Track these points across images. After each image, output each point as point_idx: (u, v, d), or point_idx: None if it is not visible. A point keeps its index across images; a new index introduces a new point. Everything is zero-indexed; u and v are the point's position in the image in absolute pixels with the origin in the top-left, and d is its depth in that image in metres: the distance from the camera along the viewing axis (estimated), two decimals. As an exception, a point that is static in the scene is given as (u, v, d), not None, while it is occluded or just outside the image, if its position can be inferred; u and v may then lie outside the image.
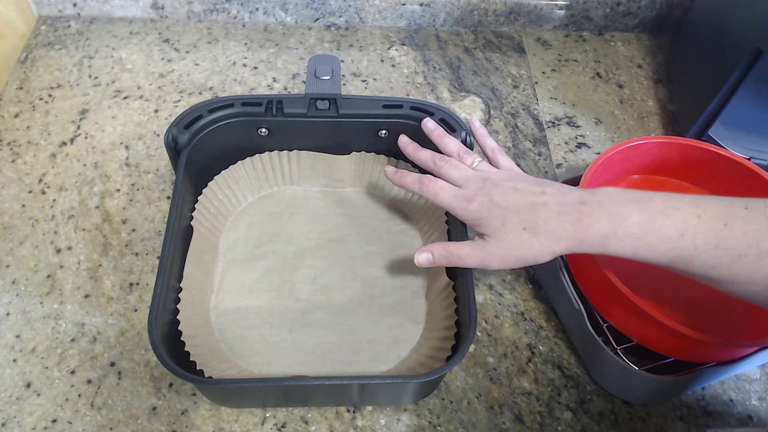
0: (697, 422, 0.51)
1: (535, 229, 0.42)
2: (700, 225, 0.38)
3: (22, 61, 0.71)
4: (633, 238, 0.39)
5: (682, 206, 0.39)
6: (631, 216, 0.39)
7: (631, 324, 0.48)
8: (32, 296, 0.54)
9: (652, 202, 0.40)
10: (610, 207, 0.40)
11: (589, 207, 0.41)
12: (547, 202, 0.42)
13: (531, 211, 0.42)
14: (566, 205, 0.42)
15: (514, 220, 0.43)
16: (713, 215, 0.38)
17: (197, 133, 0.53)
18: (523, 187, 0.44)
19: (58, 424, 0.48)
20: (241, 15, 0.77)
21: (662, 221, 0.39)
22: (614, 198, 0.41)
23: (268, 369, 0.49)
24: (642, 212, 0.39)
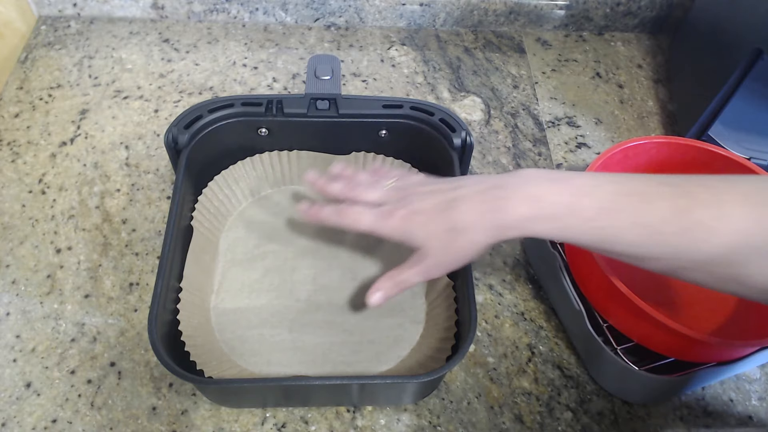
0: (697, 422, 0.51)
1: (456, 227, 0.41)
2: (618, 202, 0.37)
3: (22, 61, 0.71)
4: (553, 219, 0.39)
5: (601, 184, 0.38)
6: (550, 197, 0.39)
7: (631, 324, 0.48)
8: (32, 296, 0.54)
9: (572, 181, 0.39)
10: (528, 188, 0.39)
11: (506, 191, 0.40)
12: (465, 195, 0.41)
13: (450, 208, 0.41)
14: (483, 193, 0.40)
15: (436, 223, 0.42)
16: (632, 191, 0.38)
17: (197, 133, 0.53)
18: (439, 187, 0.43)
19: (58, 424, 0.48)
20: (241, 15, 0.77)
21: (581, 201, 0.38)
22: (532, 179, 0.40)
23: (268, 369, 0.49)
24: (561, 192, 0.39)
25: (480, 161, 0.66)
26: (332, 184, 0.49)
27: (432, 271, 0.44)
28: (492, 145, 0.68)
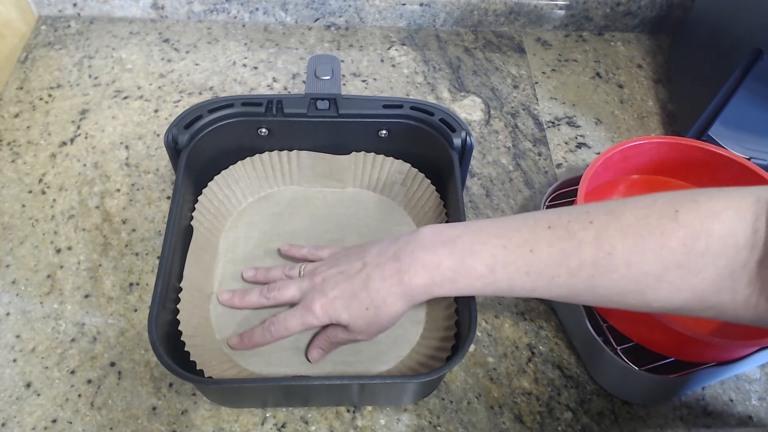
0: (697, 422, 0.51)
1: (372, 304, 0.43)
2: (508, 255, 0.39)
3: (22, 61, 0.71)
4: (450, 282, 0.41)
5: (488, 239, 0.40)
6: (442, 262, 0.41)
7: (631, 324, 0.48)
8: (32, 296, 0.54)
9: (460, 241, 0.41)
10: (423, 257, 0.42)
11: (404, 263, 0.42)
12: (370, 274, 0.43)
13: (361, 289, 0.44)
14: (384, 269, 0.43)
15: (355, 305, 0.44)
16: (518, 243, 0.39)
17: (197, 133, 0.53)
18: (346, 268, 0.45)
19: (58, 424, 0.48)
20: (241, 15, 0.77)
21: (472, 260, 0.40)
22: (426, 244, 0.42)
23: (268, 369, 0.49)
24: (451, 255, 0.41)
25: (480, 161, 0.66)
26: (248, 297, 0.51)
27: (362, 338, 0.47)
28: (492, 145, 0.68)
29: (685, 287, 0.35)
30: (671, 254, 0.35)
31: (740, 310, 0.35)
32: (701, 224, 0.34)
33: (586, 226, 0.37)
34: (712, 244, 0.34)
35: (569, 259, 0.37)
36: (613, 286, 0.37)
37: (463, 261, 0.40)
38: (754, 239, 0.33)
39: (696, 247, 0.34)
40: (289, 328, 0.47)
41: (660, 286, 0.36)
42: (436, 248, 0.41)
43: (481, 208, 0.63)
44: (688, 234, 0.34)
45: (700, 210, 0.34)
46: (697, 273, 0.35)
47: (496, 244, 0.40)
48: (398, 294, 0.42)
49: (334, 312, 0.45)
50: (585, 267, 0.37)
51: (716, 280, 0.34)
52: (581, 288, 0.38)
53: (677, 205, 0.35)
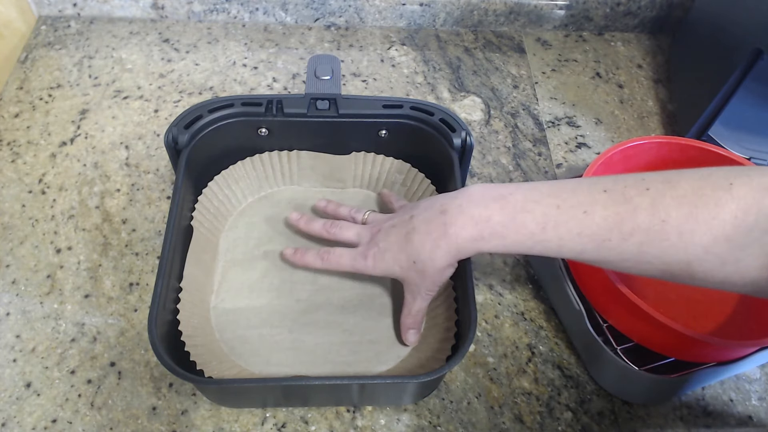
0: (697, 422, 0.51)
1: (418, 257, 0.44)
2: (561, 215, 0.39)
3: (22, 61, 0.71)
4: (499, 237, 0.41)
5: (541, 198, 0.40)
6: (493, 216, 0.41)
7: (631, 324, 0.48)
8: (32, 296, 0.54)
9: (512, 198, 0.41)
10: (472, 210, 0.41)
11: (451, 215, 0.42)
12: (416, 227, 0.44)
13: (407, 242, 0.44)
14: (431, 222, 0.43)
15: (402, 258, 0.45)
16: (572, 204, 0.39)
17: (197, 133, 0.53)
18: (398, 220, 0.46)
19: (58, 424, 0.48)
20: (241, 15, 0.77)
21: (523, 217, 0.40)
22: (475, 199, 0.42)
23: (268, 369, 0.49)
24: (503, 210, 0.40)
25: (480, 161, 0.66)
26: (312, 223, 0.53)
27: (425, 294, 0.47)
28: (492, 145, 0.68)
29: (731, 260, 0.35)
30: (722, 226, 0.35)
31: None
32: (753, 198, 0.34)
33: (642, 192, 0.37)
34: (761, 220, 0.34)
35: (623, 223, 0.37)
36: (661, 254, 0.37)
37: (515, 217, 0.40)
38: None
39: (746, 220, 0.34)
40: (341, 264, 0.49)
41: (706, 258, 0.36)
42: (487, 203, 0.41)
43: (481, 208, 0.63)
44: (740, 207, 0.35)
45: (752, 184, 0.35)
46: (743, 247, 0.35)
47: (549, 204, 0.39)
48: (443, 247, 0.42)
49: (384, 264, 0.46)
50: (637, 232, 0.37)
51: (760, 256, 0.35)
52: (630, 254, 0.38)
53: (732, 178, 0.35)
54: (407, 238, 0.44)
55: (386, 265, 0.46)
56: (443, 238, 0.42)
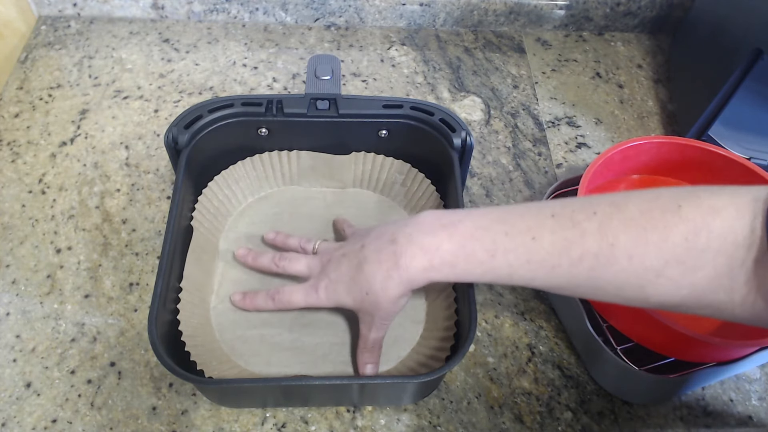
0: (697, 422, 0.51)
1: (370, 289, 0.43)
2: (509, 242, 0.39)
3: (22, 61, 0.71)
4: (449, 266, 0.40)
5: (490, 225, 0.40)
6: (442, 245, 0.40)
7: (631, 324, 0.48)
8: (32, 296, 0.54)
9: (461, 225, 0.40)
10: (421, 239, 0.41)
11: (401, 245, 0.42)
12: (367, 257, 0.43)
13: (358, 272, 0.44)
14: (381, 251, 0.43)
15: (354, 289, 0.44)
16: (520, 230, 0.39)
17: (197, 133, 0.53)
18: (348, 250, 0.46)
19: (58, 424, 0.48)
20: (241, 15, 0.77)
21: (472, 245, 0.40)
22: (425, 228, 0.42)
23: (268, 369, 0.49)
24: (451, 239, 0.40)
25: (480, 161, 0.66)
26: (260, 258, 0.52)
27: (380, 324, 0.46)
28: (492, 145, 0.68)
29: (684, 283, 0.35)
30: (672, 248, 0.34)
31: (737, 308, 0.35)
32: (703, 220, 0.34)
33: (590, 217, 0.37)
34: (712, 241, 0.34)
35: (571, 248, 0.37)
36: (613, 279, 0.37)
37: (464, 245, 0.40)
38: (752, 238, 0.33)
39: (697, 242, 0.34)
40: (291, 302, 0.48)
41: (659, 281, 0.36)
42: (436, 231, 0.41)
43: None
44: (689, 229, 0.34)
45: (702, 206, 0.34)
46: (696, 270, 0.34)
47: (498, 231, 0.39)
48: (395, 278, 0.42)
49: (336, 296, 0.45)
50: (587, 257, 0.37)
51: (714, 278, 0.34)
52: (581, 279, 0.38)
53: (680, 200, 0.35)
54: (358, 269, 0.44)
55: (338, 297, 0.45)
56: (395, 269, 0.42)
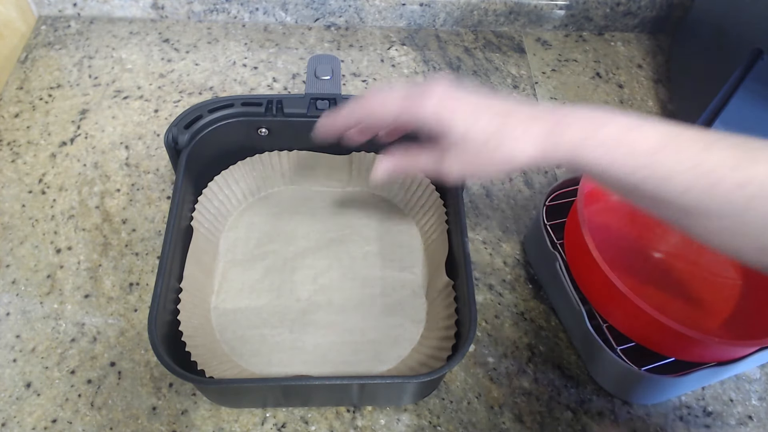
0: (697, 422, 0.51)
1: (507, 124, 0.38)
2: (680, 143, 0.36)
3: (22, 61, 0.71)
4: (608, 147, 0.37)
5: (662, 125, 0.37)
6: (609, 124, 0.37)
7: (631, 324, 0.48)
8: (32, 296, 0.54)
9: (632, 116, 0.37)
10: (587, 113, 0.38)
11: (563, 113, 0.38)
12: (519, 109, 0.39)
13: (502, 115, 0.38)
14: (538, 110, 0.38)
15: (484, 115, 0.38)
16: (693, 138, 0.36)
17: (197, 133, 0.53)
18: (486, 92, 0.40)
19: (58, 424, 0.48)
20: (241, 15, 0.77)
21: (640, 133, 0.36)
22: (590, 109, 0.38)
23: (268, 369, 0.49)
24: (620, 123, 0.37)
25: (480, 161, 0.66)
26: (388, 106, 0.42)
27: (456, 166, 0.40)
28: (492, 145, 0.68)
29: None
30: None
31: None
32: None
33: (765, 146, 0.35)
34: None
35: (740, 168, 0.34)
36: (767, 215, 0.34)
37: (632, 130, 0.37)
38: None
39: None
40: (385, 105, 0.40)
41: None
42: (603, 113, 0.38)
43: (481, 208, 0.63)
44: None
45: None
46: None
47: (670, 130, 0.36)
48: (540, 133, 0.37)
49: (449, 113, 0.38)
50: (753, 184, 0.34)
51: None
52: (737, 206, 0.35)
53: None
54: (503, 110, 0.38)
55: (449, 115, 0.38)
56: (547, 128, 0.37)
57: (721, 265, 0.54)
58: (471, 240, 0.60)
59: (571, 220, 0.53)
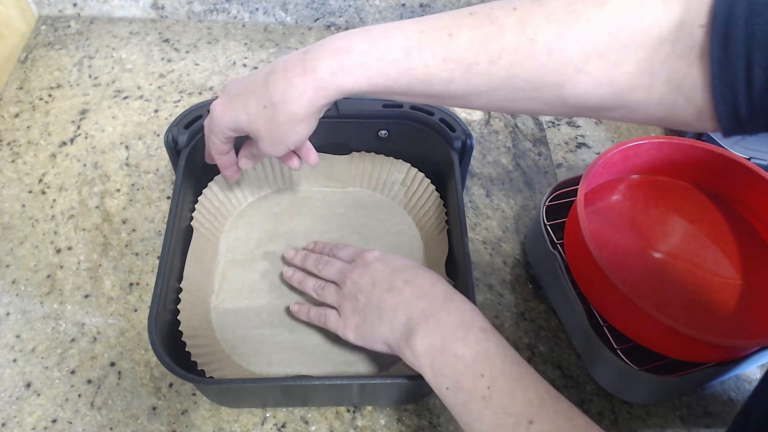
0: (697, 422, 0.51)
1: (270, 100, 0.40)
2: (425, 39, 0.36)
3: (22, 61, 0.71)
4: (362, 68, 0.37)
5: (405, 26, 0.37)
6: (354, 46, 0.37)
7: (631, 324, 0.48)
8: (32, 296, 0.54)
9: (375, 29, 0.38)
10: (332, 42, 0.38)
11: (311, 52, 0.39)
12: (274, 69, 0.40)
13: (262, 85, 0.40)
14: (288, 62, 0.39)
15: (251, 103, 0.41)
16: (436, 27, 0.37)
17: (197, 133, 0.53)
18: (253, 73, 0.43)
19: (58, 424, 0.48)
20: (241, 15, 0.77)
21: (386, 43, 0.37)
22: (337, 36, 0.39)
23: (268, 369, 0.49)
24: (364, 40, 0.37)
25: (480, 161, 0.66)
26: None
27: (268, 149, 0.43)
28: (492, 145, 0.68)
29: (604, 80, 0.34)
30: (594, 42, 0.34)
31: (654, 107, 0.35)
32: (628, 13, 0.33)
33: (509, 12, 0.35)
34: (635, 35, 0.33)
35: (490, 44, 0.35)
36: (531, 77, 0.36)
37: (377, 44, 0.37)
38: (678, 32, 0.32)
39: (620, 36, 0.33)
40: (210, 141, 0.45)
41: (579, 78, 0.35)
42: (349, 35, 0.38)
43: (481, 208, 0.63)
44: (613, 22, 0.33)
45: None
46: (617, 65, 0.34)
47: (412, 29, 0.37)
48: (300, 85, 0.38)
49: (233, 113, 0.41)
50: (506, 54, 0.35)
51: (635, 74, 0.34)
52: (499, 79, 0.36)
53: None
54: (263, 81, 0.40)
55: (233, 115, 0.41)
56: (301, 75, 0.38)
57: (721, 265, 0.54)
58: (471, 240, 0.60)
59: (571, 220, 0.53)
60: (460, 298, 0.42)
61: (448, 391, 0.38)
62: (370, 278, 0.45)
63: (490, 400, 0.36)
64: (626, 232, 0.55)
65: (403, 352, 0.41)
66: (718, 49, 0.31)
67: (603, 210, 0.57)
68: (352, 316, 0.45)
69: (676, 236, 0.56)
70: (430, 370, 0.39)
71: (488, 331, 0.39)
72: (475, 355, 0.38)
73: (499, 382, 0.36)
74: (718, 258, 0.55)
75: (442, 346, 0.39)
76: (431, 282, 0.43)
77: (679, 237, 0.56)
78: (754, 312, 0.51)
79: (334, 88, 0.38)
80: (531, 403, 0.35)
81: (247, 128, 0.42)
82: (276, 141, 0.42)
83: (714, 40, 0.31)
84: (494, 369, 0.37)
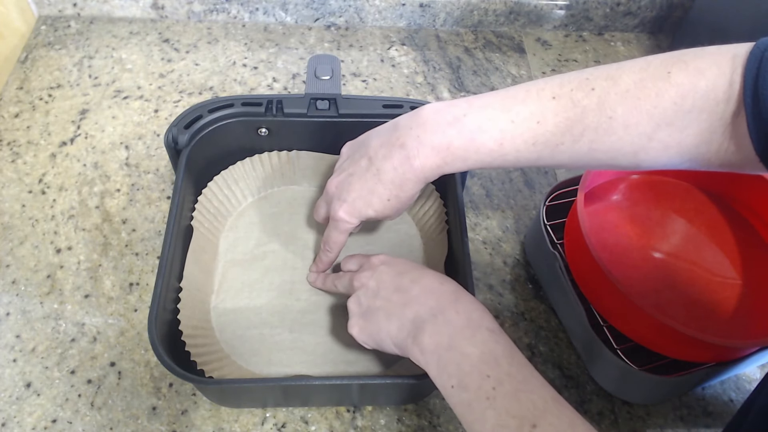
0: (697, 422, 0.51)
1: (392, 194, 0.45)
2: (515, 129, 0.40)
3: (22, 61, 0.71)
4: (461, 160, 0.42)
5: (495, 115, 0.41)
6: (452, 142, 0.41)
7: (631, 324, 0.48)
8: (32, 296, 0.54)
9: (467, 120, 0.41)
10: (431, 139, 0.42)
11: (411, 149, 0.43)
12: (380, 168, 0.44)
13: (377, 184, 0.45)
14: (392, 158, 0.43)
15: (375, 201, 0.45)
16: (525, 116, 0.40)
17: (197, 133, 0.53)
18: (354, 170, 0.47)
19: (58, 424, 0.48)
20: (241, 15, 0.77)
21: (480, 138, 0.41)
22: (431, 127, 0.42)
23: (268, 369, 0.49)
24: (460, 135, 0.41)
25: (480, 161, 0.66)
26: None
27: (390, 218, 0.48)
28: (492, 145, 0.68)
29: (673, 143, 0.38)
30: (663, 113, 0.37)
31: (713, 157, 0.38)
32: (690, 82, 0.37)
33: (588, 94, 0.39)
34: (697, 101, 0.36)
35: (574, 127, 0.39)
36: (609, 149, 0.39)
37: (473, 140, 0.41)
38: (730, 92, 0.36)
39: (684, 105, 0.37)
40: (335, 241, 0.50)
41: (651, 145, 0.38)
42: (444, 129, 0.42)
43: (481, 208, 0.63)
44: (678, 93, 0.37)
45: (688, 69, 0.37)
46: (683, 129, 0.37)
47: (504, 120, 0.41)
48: (411, 179, 0.43)
49: (359, 212, 0.46)
50: (588, 132, 0.39)
51: (698, 134, 0.37)
52: (582, 153, 0.40)
53: (669, 67, 0.38)
54: (375, 180, 0.45)
55: (360, 213, 0.46)
56: (411, 172, 0.43)
57: (721, 265, 0.54)
58: (471, 240, 0.60)
59: (571, 220, 0.53)
60: (469, 298, 0.43)
61: (453, 390, 0.38)
62: (376, 280, 0.46)
63: (494, 400, 0.36)
64: (626, 232, 0.55)
65: (411, 349, 0.41)
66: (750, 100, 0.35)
67: (603, 210, 0.57)
68: (360, 316, 0.45)
69: (676, 236, 0.56)
70: (436, 367, 0.39)
71: (496, 332, 0.40)
72: (481, 355, 0.38)
73: (504, 384, 0.37)
74: (718, 258, 0.55)
75: (449, 344, 0.39)
76: (440, 281, 0.44)
77: (679, 237, 0.56)
78: (754, 312, 0.51)
79: (437, 175, 0.43)
80: (535, 406, 0.35)
81: (375, 217, 0.47)
82: (400, 213, 0.48)
83: (746, 93, 0.35)
84: (500, 370, 0.37)
